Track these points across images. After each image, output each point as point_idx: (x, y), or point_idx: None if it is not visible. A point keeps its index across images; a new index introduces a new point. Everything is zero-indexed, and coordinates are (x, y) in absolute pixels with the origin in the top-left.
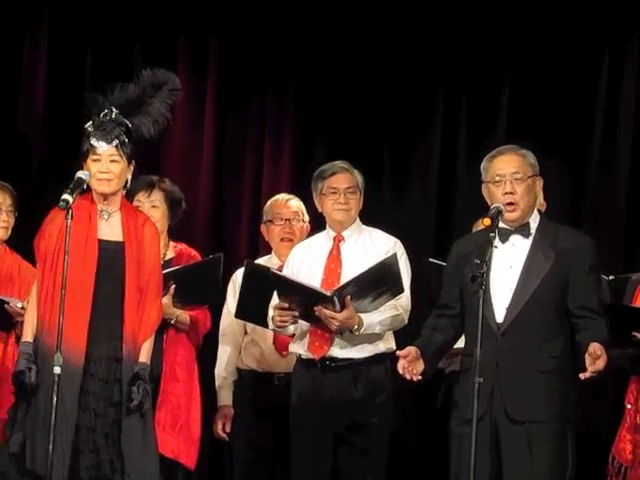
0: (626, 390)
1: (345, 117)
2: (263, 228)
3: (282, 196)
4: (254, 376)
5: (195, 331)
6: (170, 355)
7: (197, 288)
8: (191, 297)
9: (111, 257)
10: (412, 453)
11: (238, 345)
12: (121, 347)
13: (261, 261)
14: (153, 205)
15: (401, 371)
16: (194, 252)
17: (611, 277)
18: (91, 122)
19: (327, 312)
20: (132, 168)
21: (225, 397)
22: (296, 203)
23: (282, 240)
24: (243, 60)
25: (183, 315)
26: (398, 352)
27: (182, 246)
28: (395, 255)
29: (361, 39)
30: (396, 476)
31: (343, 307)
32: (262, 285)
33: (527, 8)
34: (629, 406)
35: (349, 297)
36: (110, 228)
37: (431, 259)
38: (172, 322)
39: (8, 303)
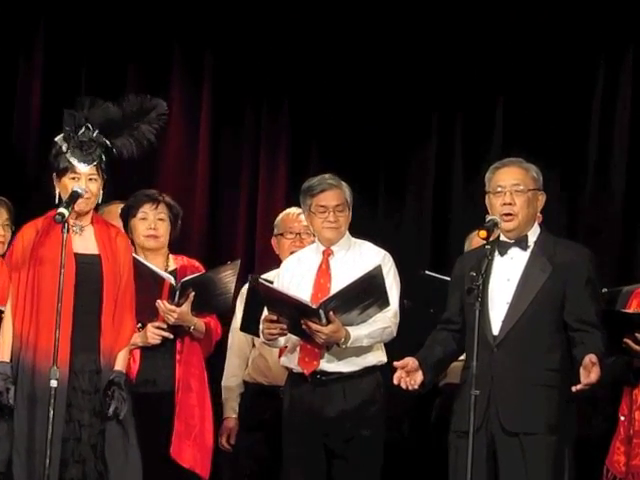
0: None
1: (340, 130)
2: (274, 241)
3: (293, 210)
4: (260, 389)
5: (209, 339)
6: (184, 365)
7: (214, 295)
8: (207, 304)
9: (88, 270)
10: (407, 467)
11: (245, 358)
12: (99, 359)
13: (270, 274)
14: (160, 218)
15: (396, 382)
16: (197, 264)
17: (604, 290)
18: (65, 137)
19: (313, 326)
20: (103, 183)
21: (230, 409)
22: None
23: (292, 253)
24: (238, 73)
25: (200, 322)
26: (395, 363)
27: (183, 258)
28: (379, 266)
29: (356, 53)
30: None
31: (329, 321)
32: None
33: (521, 23)
34: (622, 418)
35: (332, 312)
36: (84, 242)
37: (427, 272)
38: (190, 329)
39: (2, 312)
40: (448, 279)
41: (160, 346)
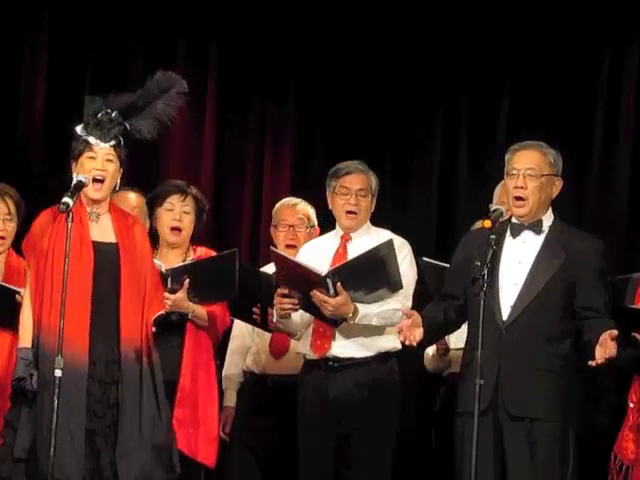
0: (628, 389)
1: (346, 120)
2: (272, 232)
3: (289, 200)
4: (252, 378)
5: (214, 327)
6: (190, 353)
7: (213, 283)
8: (207, 292)
9: (106, 259)
10: (411, 456)
11: (245, 348)
12: (119, 349)
13: (266, 268)
14: (185, 211)
15: (396, 330)
16: (214, 254)
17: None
18: (84, 123)
19: (320, 296)
20: (121, 174)
21: (229, 398)
22: (303, 208)
23: (287, 246)
24: (243, 62)
25: (200, 309)
26: (403, 309)
27: (203, 249)
28: (390, 241)
29: (362, 42)
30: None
31: (337, 293)
32: (249, 283)
33: (527, 13)
34: (632, 405)
35: (339, 284)
36: (101, 230)
37: (425, 258)
38: (189, 317)
39: (19, 293)
40: (446, 265)
41: (168, 334)
